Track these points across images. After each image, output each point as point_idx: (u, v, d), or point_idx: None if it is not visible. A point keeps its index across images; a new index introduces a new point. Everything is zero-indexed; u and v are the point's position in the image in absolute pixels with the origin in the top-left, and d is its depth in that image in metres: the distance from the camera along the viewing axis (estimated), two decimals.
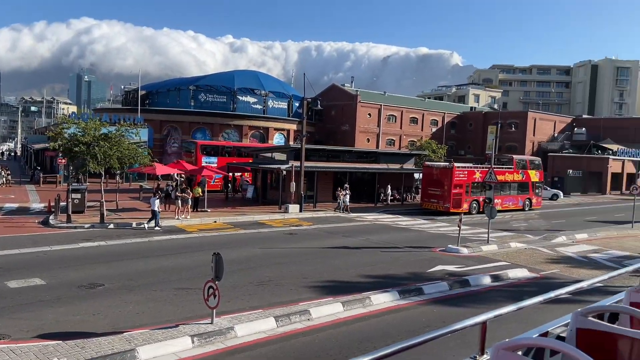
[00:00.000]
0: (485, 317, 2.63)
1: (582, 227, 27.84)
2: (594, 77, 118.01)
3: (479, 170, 33.00)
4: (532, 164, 37.77)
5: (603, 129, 65.11)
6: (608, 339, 2.56)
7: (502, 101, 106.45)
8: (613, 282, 12.65)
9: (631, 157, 57.42)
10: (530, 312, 9.66)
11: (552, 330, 2.97)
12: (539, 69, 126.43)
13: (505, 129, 60.12)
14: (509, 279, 15.78)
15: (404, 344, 2.07)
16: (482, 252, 19.72)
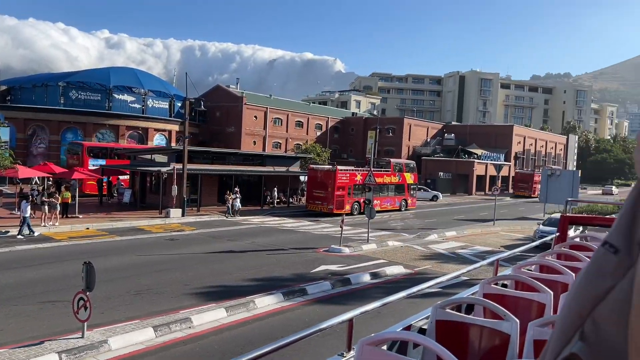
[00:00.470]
0: (351, 314, 2.74)
1: (452, 226, 30.21)
2: (461, 87, 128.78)
3: (360, 173, 34.39)
4: (408, 167, 40.20)
5: (469, 135, 71.19)
6: (463, 328, 2.79)
7: (381, 107, 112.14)
8: (477, 275, 13.89)
9: (493, 161, 63.47)
10: (407, 306, 10.30)
11: (415, 323, 3.17)
12: (414, 78, 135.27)
13: (383, 134, 63.39)
14: (387, 276, 16.63)
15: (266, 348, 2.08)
16: (362, 251, 20.57)
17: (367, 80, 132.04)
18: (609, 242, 0.81)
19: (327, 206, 32.60)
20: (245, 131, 59.62)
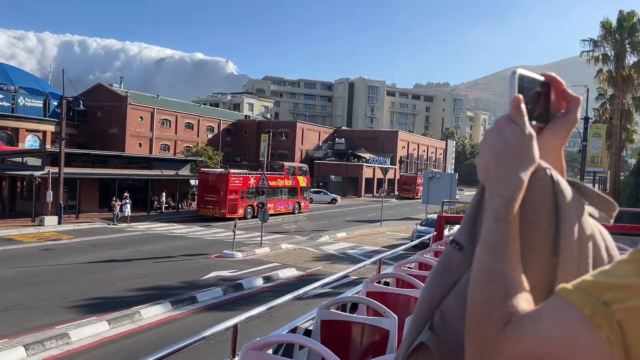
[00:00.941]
0: (236, 320, 2.71)
1: (343, 227, 31.13)
2: (351, 93, 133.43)
3: (253, 176, 34.20)
4: (301, 170, 40.75)
5: (358, 139, 73.91)
6: (347, 327, 2.89)
7: (274, 111, 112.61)
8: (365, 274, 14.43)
9: (380, 165, 66.43)
10: (299, 308, 10.40)
11: (301, 325, 3.22)
12: (306, 82, 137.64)
13: (277, 138, 63.69)
14: (280, 279, 16.70)
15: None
16: (255, 255, 20.46)
17: (260, 83, 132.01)
18: (455, 240, 0.88)
19: (220, 210, 31.98)
20: (130, 133, 56.60)
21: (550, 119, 0.90)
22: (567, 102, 0.91)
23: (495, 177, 0.78)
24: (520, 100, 0.82)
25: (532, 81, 0.88)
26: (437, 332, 0.84)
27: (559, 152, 0.92)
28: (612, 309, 0.57)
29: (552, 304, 0.64)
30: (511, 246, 0.74)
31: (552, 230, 0.80)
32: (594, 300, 0.59)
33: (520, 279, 0.72)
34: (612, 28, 29.50)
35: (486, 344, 0.66)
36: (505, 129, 0.80)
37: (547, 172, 0.82)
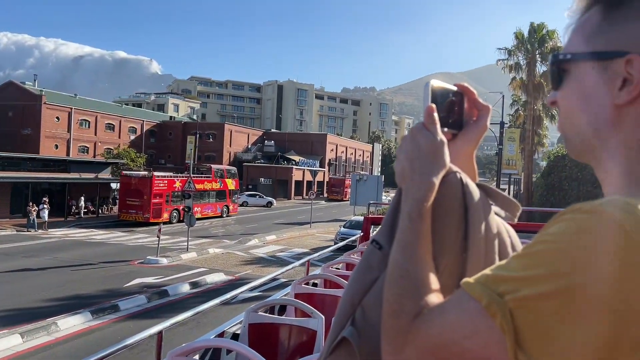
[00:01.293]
0: (160, 327, 2.63)
1: (272, 230, 31.02)
2: (280, 95, 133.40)
3: (179, 179, 33.30)
4: (229, 173, 40.17)
5: (288, 142, 74.03)
6: (274, 329, 2.88)
7: (201, 112, 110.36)
8: (295, 276, 14.46)
9: (309, 167, 66.87)
10: (228, 313, 10.24)
11: (228, 329, 3.18)
12: (234, 84, 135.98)
13: (204, 140, 62.38)
14: (207, 284, 16.36)
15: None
16: (181, 260, 19.92)
17: (186, 83, 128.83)
18: (375, 240, 0.93)
19: (143, 215, 30.83)
20: (45, 134, 53.31)
21: (463, 126, 0.97)
22: (478, 111, 0.98)
23: (410, 180, 0.84)
24: (432, 109, 0.87)
25: (445, 91, 0.94)
26: (359, 327, 0.87)
27: (471, 157, 0.99)
28: (505, 299, 0.62)
29: (456, 297, 0.69)
30: (423, 244, 0.79)
31: (462, 229, 0.86)
32: (490, 292, 0.63)
33: (430, 274, 0.77)
34: (524, 38, 31.56)
35: (398, 335, 0.71)
36: (419, 136, 0.85)
37: (457, 176, 0.88)
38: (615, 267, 0.58)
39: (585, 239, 0.60)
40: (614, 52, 0.73)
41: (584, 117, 0.77)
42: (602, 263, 0.58)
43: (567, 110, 0.80)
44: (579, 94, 0.77)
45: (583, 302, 0.58)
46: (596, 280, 0.58)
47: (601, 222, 0.60)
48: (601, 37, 0.75)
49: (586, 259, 0.59)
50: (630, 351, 0.57)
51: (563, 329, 0.59)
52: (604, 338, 0.57)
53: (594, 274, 0.58)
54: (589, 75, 0.75)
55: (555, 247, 0.62)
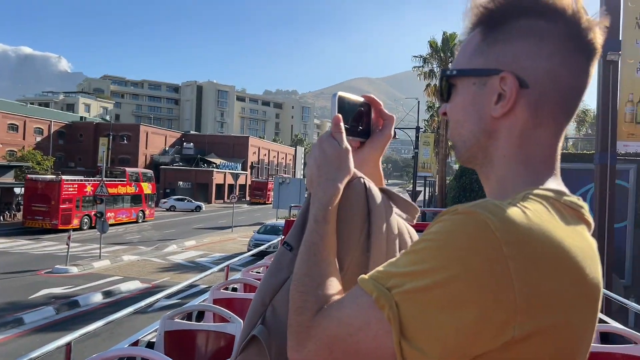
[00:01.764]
0: (69, 338, 2.52)
1: (191, 235, 30.23)
2: (199, 96, 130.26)
3: (90, 183, 31.62)
4: (145, 176, 38.68)
5: (208, 144, 72.51)
6: (192, 335, 2.84)
7: (114, 113, 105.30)
8: (216, 281, 14.20)
9: (231, 170, 65.92)
10: (145, 322, 9.85)
11: (143, 338, 3.09)
12: (150, 84, 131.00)
13: (118, 142, 59.62)
14: (122, 293, 15.66)
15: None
16: (94, 269, 18.93)
17: (98, 82, 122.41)
18: (287, 242, 0.98)
19: (51, 222, 28.94)
20: None
21: (370, 134, 1.05)
22: (383, 120, 1.06)
23: (317, 185, 0.90)
24: (339, 119, 0.94)
25: (353, 102, 1.00)
26: (269, 325, 0.91)
27: (377, 163, 1.07)
28: (392, 292, 0.68)
29: (352, 292, 0.74)
30: (327, 245, 0.85)
31: (365, 230, 0.93)
32: (380, 286, 0.69)
33: (333, 273, 0.83)
34: (438, 47, 33.12)
35: (301, 330, 0.76)
36: (326, 144, 0.91)
37: (361, 181, 0.95)
38: (482, 261, 0.65)
39: (458, 237, 0.67)
40: (490, 70, 0.81)
41: (468, 127, 0.84)
42: (471, 258, 0.65)
43: (454, 121, 0.87)
44: (463, 106, 0.85)
45: (456, 293, 0.64)
46: (467, 273, 0.64)
47: (471, 222, 0.67)
48: (481, 55, 0.82)
49: (459, 254, 0.66)
50: (494, 335, 0.64)
51: (440, 318, 0.65)
52: (473, 324, 0.64)
53: (465, 267, 0.65)
54: (471, 89, 0.83)
55: (434, 245, 0.69)
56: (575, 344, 0.71)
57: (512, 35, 0.80)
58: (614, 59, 8.31)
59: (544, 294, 0.65)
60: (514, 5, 0.80)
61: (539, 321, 0.65)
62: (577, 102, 0.82)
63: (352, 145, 1.03)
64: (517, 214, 0.68)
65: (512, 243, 0.65)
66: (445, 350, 0.65)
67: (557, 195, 0.76)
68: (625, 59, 8.61)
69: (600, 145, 8.50)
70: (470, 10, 0.84)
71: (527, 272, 0.65)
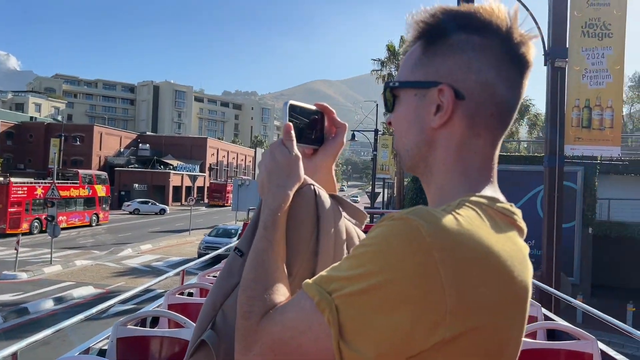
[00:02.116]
0: (15, 347, 2.43)
1: (148, 238, 29.55)
2: (156, 97, 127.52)
3: (40, 186, 30.46)
4: (99, 178, 37.58)
5: (165, 146, 71.00)
6: (145, 342, 2.78)
7: (67, 113, 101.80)
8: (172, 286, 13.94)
9: (188, 172, 64.83)
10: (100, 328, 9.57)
11: (94, 345, 3.01)
12: (104, 83, 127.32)
13: (70, 143, 57.66)
14: (74, 299, 15.16)
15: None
16: (44, 274, 18.23)
17: (50, 81, 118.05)
18: (237, 247, 0.99)
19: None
20: None
21: (323, 142, 1.07)
22: (336, 128, 1.08)
23: (267, 192, 0.92)
24: (290, 127, 0.96)
25: (306, 109, 1.03)
26: (219, 330, 0.92)
27: (330, 170, 1.09)
28: (333, 296, 0.70)
29: (297, 297, 0.77)
30: (275, 250, 0.86)
31: (314, 236, 0.95)
32: (321, 290, 0.72)
33: (280, 278, 0.85)
34: (395, 51, 33.64)
35: (248, 334, 0.77)
36: (277, 152, 0.94)
37: (311, 188, 0.97)
38: (414, 265, 0.68)
39: (393, 242, 0.70)
40: (429, 82, 0.84)
41: (410, 137, 0.88)
42: (404, 262, 0.68)
43: (398, 131, 0.91)
44: (406, 117, 0.88)
45: (390, 296, 0.67)
46: (400, 277, 0.67)
47: (405, 228, 0.70)
48: (422, 68, 0.86)
49: (393, 259, 0.69)
50: (425, 336, 0.67)
51: (375, 320, 0.67)
52: (406, 325, 0.67)
53: (399, 271, 0.68)
54: (412, 101, 0.87)
55: (371, 250, 0.71)
56: (503, 343, 0.74)
57: (450, 50, 0.83)
58: (562, 65, 8.66)
59: (472, 296, 0.68)
60: (451, 21, 0.84)
61: (467, 322, 0.68)
62: (512, 113, 0.86)
63: (306, 152, 1.07)
64: (449, 220, 0.71)
65: (442, 248, 0.68)
66: (381, 351, 0.68)
67: (491, 202, 0.80)
68: (572, 66, 8.99)
69: (549, 148, 8.84)
70: (411, 25, 0.87)
71: (456, 276, 0.67)
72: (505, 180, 7.92)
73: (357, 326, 0.68)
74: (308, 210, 0.95)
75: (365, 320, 0.68)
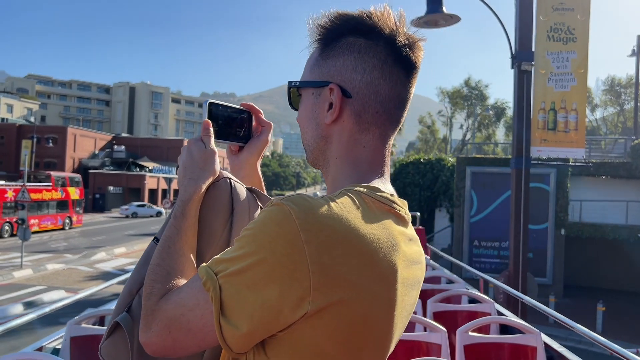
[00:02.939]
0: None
1: (122, 242, 29.16)
2: (132, 98, 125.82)
3: (11, 188, 29.82)
4: (72, 181, 36.96)
5: (141, 148, 70.19)
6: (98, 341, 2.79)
7: (40, 114, 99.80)
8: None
9: (165, 174, 64.14)
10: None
11: (47, 344, 3.00)
12: (79, 84, 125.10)
13: (43, 144, 56.54)
14: (44, 303, 14.88)
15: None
16: (14, 279, 17.87)
17: (22, 81, 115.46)
18: (156, 237, 1.04)
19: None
20: None
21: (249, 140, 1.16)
22: (262, 127, 1.18)
23: (181, 184, 0.99)
24: (208, 124, 1.04)
25: (228, 109, 1.11)
26: (134, 314, 0.97)
27: (255, 166, 1.19)
28: (219, 276, 0.77)
29: (192, 279, 0.84)
30: (182, 238, 0.93)
31: (228, 226, 1.01)
32: (210, 271, 0.79)
33: (185, 264, 0.92)
34: None
35: (148, 314, 0.84)
36: (193, 147, 1.02)
37: (227, 181, 1.04)
38: (284, 245, 0.74)
39: (267, 225, 0.77)
40: (321, 82, 0.92)
41: (310, 133, 0.95)
42: (276, 243, 0.75)
43: (301, 127, 0.98)
44: (306, 114, 0.96)
45: (262, 274, 0.75)
46: (271, 256, 0.75)
47: (279, 212, 0.77)
48: (318, 68, 0.94)
49: (267, 240, 0.76)
50: (292, 310, 0.74)
51: (249, 296, 0.75)
52: (274, 300, 0.74)
53: (270, 251, 0.75)
54: (310, 99, 0.95)
55: (250, 233, 0.79)
56: (368, 318, 0.80)
57: (340, 51, 0.91)
58: (528, 69, 8.87)
59: (334, 273, 0.75)
60: (343, 25, 0.91)
61: (329, 297, 0.75)
62: (401, 111, 0.94)
63: (232, 149, 1.17)
64: (320, 205, 0.78)
65: (308, 230, 0.75)
66: (253, 325, 0.75)
67: (370, 191, 0.87)
68: (537, 69, 9.22)
69: (516, 150, 9.04)
70: (312, 28, 0.94)
71: (320, 254, 0.74)
72: (480, 182, 8.19)
73: (234, 303, 0.75)
74: (222, 201, 1.02)
75: (241, 297, 0.75)
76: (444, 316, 3.55)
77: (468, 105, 43.78)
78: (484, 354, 2.76)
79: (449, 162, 23.00)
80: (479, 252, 19.18)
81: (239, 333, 0.75)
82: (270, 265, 0.74)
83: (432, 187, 22.43)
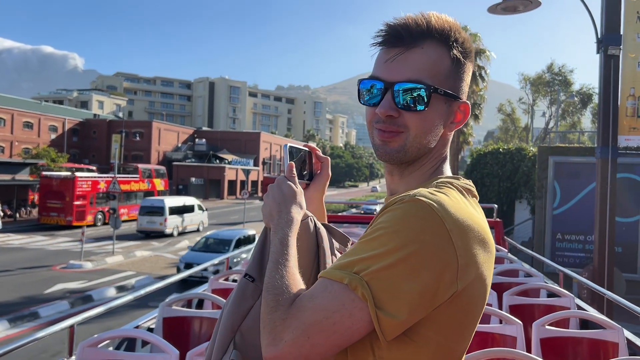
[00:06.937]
0: (72, 320, 2.74)
1: (204, 230, 30.56)
2: (211, 93, 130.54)
3: (103, 180, 32.08)
4: (158, 173, 39.09)
5: (220, 141, 72.79)
6: (187, 322, 3.04)
7: (127, 110, 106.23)
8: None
9: (243, 166, 66.19)
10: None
11: (143, 323, 3.29)
12: (162, 80, 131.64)
13: (131, 138, 60.23)
14: (134, 288, 15.98)
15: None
16: (107, 264, 19.31)
17: (111, 79, 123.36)
18: (248, 273, 1.14)
19: (65, 218, 29.46)
20: None
21: (313, 177, 1.29)
22: (320, 162, 1.30)
23: (278, 218, 1.07)
24: (292, 166, 1.18)
25: (298, 149, 1.24)
26: (241, 349, 1.05)
27: (321, 201, 1.31)
28: (361, 275, 0.84)
29: (319, 285, 0.89)
30: (292, 262, 0.99)
31: (315, 261, 1.13)
32: (348, 273, 0.86)
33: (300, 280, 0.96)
34: None
35: (277, 324, 0.86)
36: (284, 186, 1.13)
37: (311, 220, 1.16)
38: (433, 236, 0.85)
39: (410, 220, 0.86)
40: (457, 96, 1.05)
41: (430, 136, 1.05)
42: (424, 235, 0.84)
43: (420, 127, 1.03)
44: (433, 118, 1.03)
45: (416, 264, 0.83)
46: (422, 247, 0.84)
47: (419, 207, 0.87)
48: (453, 81, 1.04)
49: (414, 234, 0.85)
50: (445, 290, 0.85)
51: (406, 286, 0.83)
52: (430, 285, 0.84)
53: (420, 243, 0.84)
54: (443, 106, 1.04)
55: (390, 230, 0.87)
56: (487, 289, 0.95)
57: (467, 72, 1.07)
58: (615, 53, 8.32)
59: (472, 255, 0.88)
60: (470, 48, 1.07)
61: (470, 275, 0.88)
62: None
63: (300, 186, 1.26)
64: (445, 198, 0.91)
65: (450, 220, 0.86)
66: (412, 310, 0.83)
67: (454, 179, 1.03)
68: (626, 53, 8.62)
69: (602, 139, 8.54)
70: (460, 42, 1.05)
71: (462, 240, 0.87)
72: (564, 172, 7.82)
73: (389, 295, 0.83)
74: (309, 240, 1.13)
75: (395, 289, 0.83)
76: (520, 309, 3.49)
77: (551, 92, 41.55)
78: (561, 348, 2.71)
79: (530, 151, 22.03)
80: (562, 246, 18.26)
81: (397, 321, 0.83)
82: (422, 256, 0.83)
83: (512, 177, 21.60)
